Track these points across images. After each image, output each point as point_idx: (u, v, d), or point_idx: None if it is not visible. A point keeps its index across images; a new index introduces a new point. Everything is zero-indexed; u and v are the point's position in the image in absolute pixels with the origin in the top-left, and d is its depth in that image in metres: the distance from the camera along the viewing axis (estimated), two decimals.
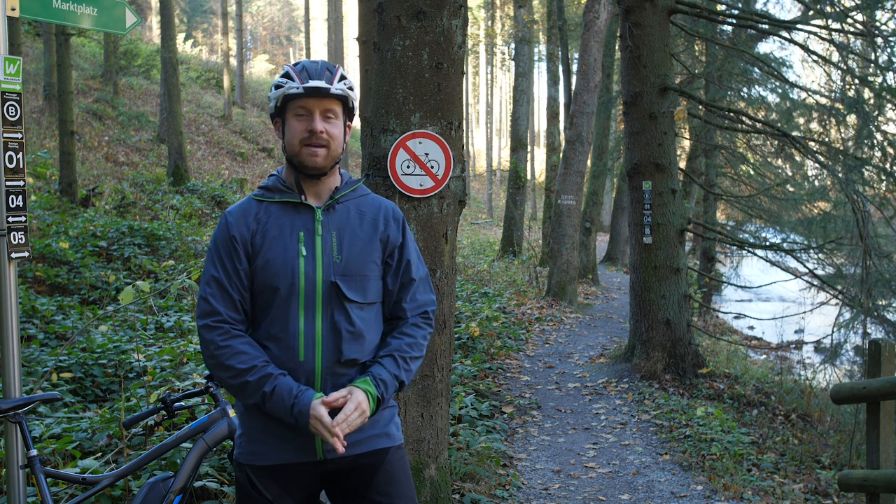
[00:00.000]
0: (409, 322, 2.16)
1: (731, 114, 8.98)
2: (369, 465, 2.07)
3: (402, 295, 2.16)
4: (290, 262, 2.00)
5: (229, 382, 1.98)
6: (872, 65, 8.03)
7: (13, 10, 2.83)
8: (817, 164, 8.46)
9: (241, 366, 1.94)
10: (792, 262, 9.56)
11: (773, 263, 9.73)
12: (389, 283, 2.15)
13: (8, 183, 2.72)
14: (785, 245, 9.63)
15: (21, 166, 2.76)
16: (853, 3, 8.52)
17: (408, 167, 3.49)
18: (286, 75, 2.04)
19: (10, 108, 2.73)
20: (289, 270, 1.99)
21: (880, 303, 7.42)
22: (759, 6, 10.85)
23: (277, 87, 2.05)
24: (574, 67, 15.62)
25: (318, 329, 2.00)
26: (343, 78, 2.06)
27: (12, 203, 2.74)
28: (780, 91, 10.60)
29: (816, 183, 10.74)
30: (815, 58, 8.90)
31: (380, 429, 2.09)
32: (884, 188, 8.50)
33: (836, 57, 8.88)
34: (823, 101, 9.39)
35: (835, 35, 8.23)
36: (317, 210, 2.07)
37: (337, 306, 2.02)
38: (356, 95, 2.13)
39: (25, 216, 2.78)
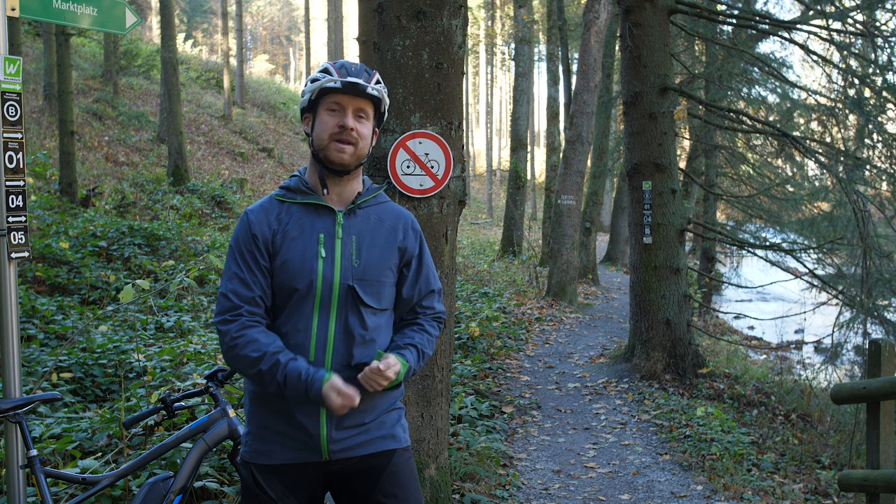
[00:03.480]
0: (428, 321, 2.20)
1: (731, 114, 8.98)
2: (375, 466, 2.07)
3: (418, 302, 2.19)
4: (309, 263, 2.01)
5: (248, 373, 1.99)
6: (872, 65, 8.03)
7: (13, 10, 2.83)
8: (817, 165, 8.46)
9: (254, 354, 1.95)
10: (792, 262, 9.55)
11: (773, 263, 9.73)
12: (404, 292, 2.16)
13: (8, 183, 2.72)
14: (785, 245, 9.63)
15: (21, 166, 2.76)
16: (853, 3, 8.52)
17: (408, 167, 3.49)
18: (325, 70, 2.06)
19: (10, 108, 2.73)
20: (307, 271, 2.00)
21: (880, 303, 7.41)
22: (759, 6, 10.85)
23: (314, 80, 2.05)
24: (574, 67, 15.62)
25: (330, 331, 2.01)
26: (379, 82, 2.08)
27: (12, 203, 2.74)
28: (780, 91, 10.61)
29: (816, 183, 10.74)
30: (815, 58, 8.90)
31: (386, 430, 2.10)
32: (884, 188, 8.50)
33: (836, 57, 8.87)
34: (823, 101, 9.38)
35: (835, 35, 8.23)
36: (338, 213, 2.07)
37: (352, 310, 2.03)
38: (388, 102, 2.15)
39: (25, 216, 2.78)
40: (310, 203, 2.08)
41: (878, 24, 8.33)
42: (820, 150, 8.21)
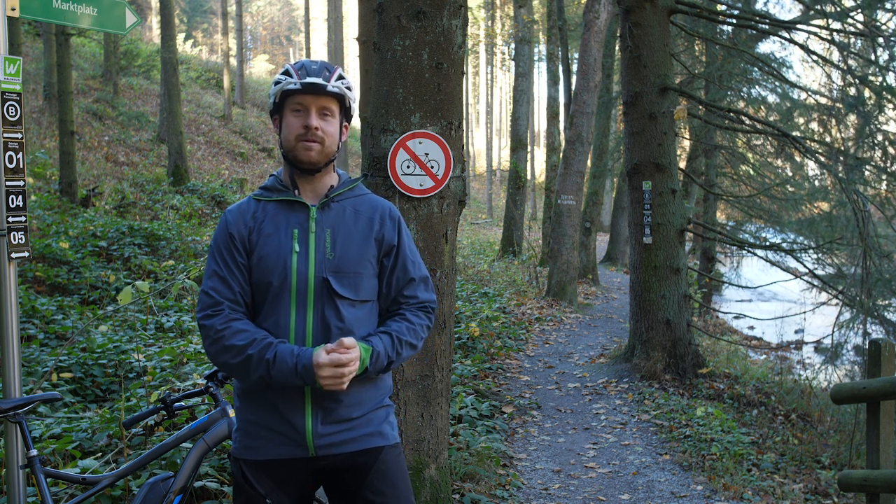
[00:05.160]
0: (411, 310, 2.18)
1: (731, 114, 8.98)
2: (363, 463, 2.08)
3: (401, 292, 2.18)
4: (283, 258, 2.04)
5: (233, 363, 1.98)
6: (873, 65, 8.02)
7: (13, 10, 2.83)
8: (817, 164, 8.46)
9: (241, 342, 1.97)
10: (792, 262, 9.55)
11: (773, 263, 9.72)
12: (385, 283, 2.17)
13: (8, 183, 2.72)
14: (785, 245, 9.63)
15: (21, 166, 2.76)
16: (853, 3, 8.52)
17: (408, 167, 3.49)
18: (285, 72, 2.09)
19: (10, 108, 2.73)
20: (281, 266, 2.03)
21: (880, 303, 7.41)
22: (759, 6, 10.85)
23: (276, 83, 2.09)
24: (574, 67, 15.62)
25: (308, 324, 2.03)
26: (341, 77, 2.10)
27: (12, 203, 2.74)
28: (780, 91, 10.60)
29: (816, 183, 10.74)
30: (815, 58, 8.90)
31: (373, 427, 2.11)
32: (884, 188, 8.49)
33: (836, 57, 8.87)
34: (823, 101, 9.39)
35: (835, 35, 8.22)
36: (312, 208, 2.10)
37: (328, 302, 2.04)
38: (354, 96, 2.16)
39: (25, 216, 2.78)
40: (284, 200, 2.11)
41: (878, 24, 8.33)
42: (820, 150, 8.21)
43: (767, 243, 9.98)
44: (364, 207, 2.17)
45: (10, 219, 2.73)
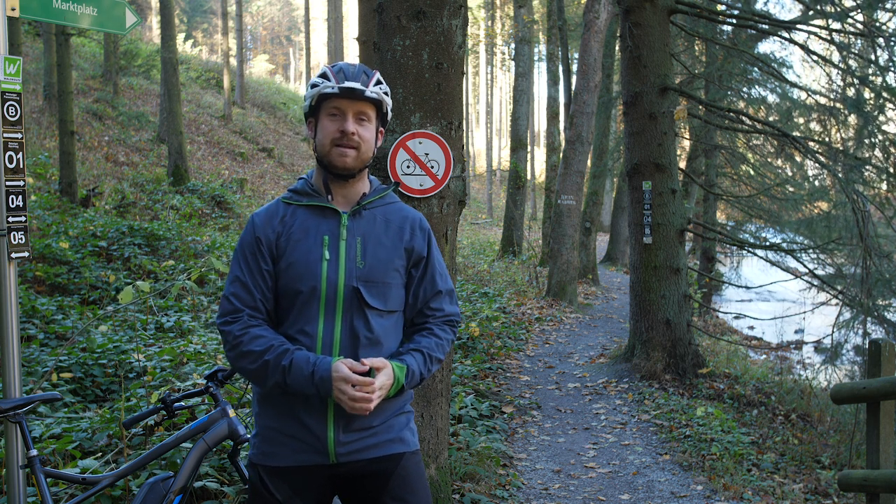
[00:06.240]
0: (437, 325, 2.17)
1: (731, 114, 8.98)
2: (383, 469, 2.05)
3: (427, 304, 2.16)
4: (313, 266, 2.00)
5: (250, 369, 1.97)
6: (873, 65, 8.03)
7: (13, 10, 2.83)
8: (817, 164, 8.46)
9: (258, 348, 1.95)
10: (792, 262, 9.55)
11: (773, 263, 9.73)
12: (412, 294, 2.14)
13: (8, 183, 2.72)
14: (785, 245, 9.63)
15: (21, 166, 2.76)
16: (853, 3, 8.52)
17: (408, 167, 3.49)
18: (323, 75, 2.05)
19: (10, 108, 2.73)
20: (311, 273, 2.00)
21: (880, 303, 7.41)
22: (759, 6, 10.85)
23: (313, 86, 2.05)
24: (574, 67, 15.62)
25: (336, 333, 2.00)
26: (379, 82, 2.07)
27: (12, 203, 2.74)
28: (780, 91, 10.61)
29: (816, 183, 10.74)
30: (815, 58, 8.91)
31: (394, 434, 2.08)
32: (884, 188, 8.50)
33: (836, 57, 8.88)
34: (823, 101, 9.39)
35: (835, 35, 8.23)
36: (343, 215, 2.07)
37: (357, 312, 2.01)
38: (391, 102, 2.13)
39: (25, 216, 2.78)
40: (315, 205, 2.07)
41: (878, 24, 8.33)
42: (820, 150, 8.21)
43: (767, 243, 9.98)
44: (394, 216, 2.13)
45: (10, 219, 2.73)
